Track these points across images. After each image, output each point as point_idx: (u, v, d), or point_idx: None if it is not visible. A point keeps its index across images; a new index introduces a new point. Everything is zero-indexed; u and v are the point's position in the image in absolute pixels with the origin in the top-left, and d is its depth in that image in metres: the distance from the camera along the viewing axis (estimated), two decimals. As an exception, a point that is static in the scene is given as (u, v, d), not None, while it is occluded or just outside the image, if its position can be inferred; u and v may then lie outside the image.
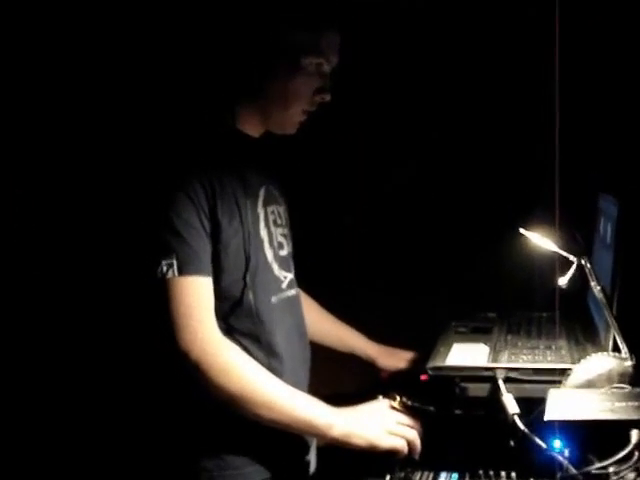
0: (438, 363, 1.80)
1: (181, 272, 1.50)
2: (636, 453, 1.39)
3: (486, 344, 1.93)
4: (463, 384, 1.74)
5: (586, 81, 2.36)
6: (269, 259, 1.68)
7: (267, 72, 1.61)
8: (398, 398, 1.79)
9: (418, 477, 1.56)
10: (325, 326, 2.05)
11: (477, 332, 2.07)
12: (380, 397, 1.73)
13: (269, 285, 1.67)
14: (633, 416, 1.40)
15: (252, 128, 1.70)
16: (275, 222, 1.73)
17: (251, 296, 1.61)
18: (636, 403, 1.44)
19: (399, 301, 2.58)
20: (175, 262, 1.50)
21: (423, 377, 1.80)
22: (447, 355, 1.85)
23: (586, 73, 2.35)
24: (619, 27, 2.32)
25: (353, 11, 1.79)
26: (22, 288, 2.59)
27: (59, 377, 2.57)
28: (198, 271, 1.53)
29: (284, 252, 1.75)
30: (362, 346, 2.09)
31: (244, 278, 1.60)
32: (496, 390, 1.68)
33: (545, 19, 1.84)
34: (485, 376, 1.73)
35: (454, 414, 1.72)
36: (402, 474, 1.56)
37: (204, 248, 1.54)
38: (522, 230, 1.98)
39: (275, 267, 1.70)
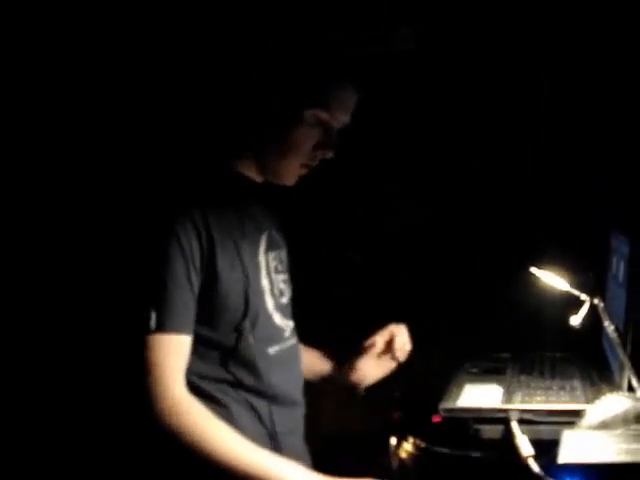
0: (451, 404, 1.78)
1: (158, 328, 1.45)
2: (653, 496, 1.36)
3: (499, 385, 1.91)
4: (476, 425, 1.72)
5: (590, 123, 2.36)
6: (270, 309, 1.62)
7: (267, 118, 1.54)
8: (411, 440, 1.77)
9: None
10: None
11: (490, 373, 2.06)
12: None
13: (269, 335, 1.61)
14: (649, 458, 1.38)
15: (254, 173, 1.64)
16: (276, 269, 1.67)
17: (249, 346, 1.55)
18: (652, 445, 1.42)
19: (412, 342, 2.56)
20: (154, 317, 1.45)
21: (436, 418, 1.78)
22: (460, 396, 1.84)
23: (589, 114, 2.35)
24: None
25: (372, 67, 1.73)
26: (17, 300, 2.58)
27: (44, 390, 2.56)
28: (176, 329, 1.47)
29: (285, 300, 1.69)
30: (320, 366, 1.93)
31: (243, 328, 1.54)
32: (510, 432, 1.67)
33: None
34: (498, 417, 1.72)
35: (467, 456, 1.70)
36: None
37: (187, 305, 1.48)
38: (534, 270, 1.97)
39: (277, 317, 1.64)
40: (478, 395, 1.84)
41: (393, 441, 1.84)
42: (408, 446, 1.80)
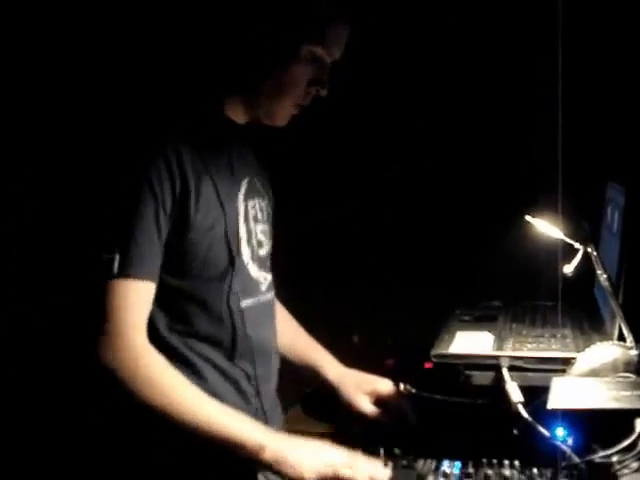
0: (442, 350, 1.80)
1: (121, 273, 1.37)
2: (640, 442, 1.38)
3: (491, 332, 1.92)
4: (467, 372, 1.73)
5: (591, 70, 2.34)
6: (245, 259, 1.55)
7: (261, 57, 1.49)
8: (402, 386, 1.79)
9: (421, 465, 1.56)
10: (290, 340, 1.83)
11: (482, 320, 2.07)
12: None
13: (243, 288, 1.54)
14: (637, 405, 1.39)
15: (237, 114, 1.57)
16: (255, 218, 1.59)
17: (219, 298, 1.49)
18: (641, 392, 1.43)
19: (403, 290, 2.57)
20: (117, 261, 1.37)
21: (427, 365, 1.79)
22: (451, 343, 1.85)
23: (590, 59, 2.33)
24: (622, 16, 2.30)
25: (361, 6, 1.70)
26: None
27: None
28: (140, 274, 1.39)
29: (263, 251, 1.62)
30: (323, 367, 1.82)
31: (216, 279, 1.49)
32: (500, 378, 1.68)
33: (547, 10, 1.82)
34: (489, 364, 1.73)
35: (458, 402, 1.71)
36: (405, 462, 1.55)
37: (153, 250, 1.41)
38: (528, 217, 1.97)
39: (254, 268, 1.57)
40: (469, 342, 1.85)
41: None
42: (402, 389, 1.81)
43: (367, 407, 1.77)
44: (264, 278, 1.61)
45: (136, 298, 1.40)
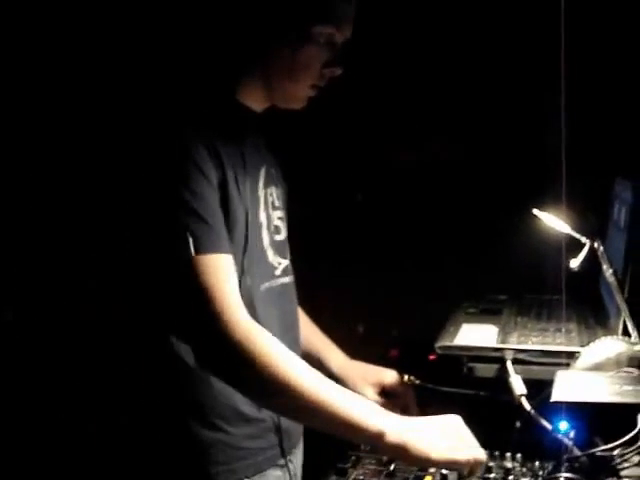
0: (447, 342, 1.80)
1: (198, 251, 1.36)
2: (642, 437, 1.38)
3: (496, 325, 1.93)
4: (471, 364, 1.74)
5: (599, 64, 2.33)
6: (265, 245, 1.56)
7: (274, 40, 1.49)
8: (406, 377, 1.80)
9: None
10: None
11: (487, 313, 2.08)
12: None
13: (262, 272, 1.55)
14: (640, 400, 1.40)
15: (255, 101, 1.57)
16: (273, 205, 1.62)
17: (247, 283, 1.48)
18: (644, 387, 1.44)
19: (410, 281, 2.58)
20: (191, 240, 1.36)
21: (431, 356, 1.80)
22: (456, 335, 1.86)
23: (598, 53, 2.32)
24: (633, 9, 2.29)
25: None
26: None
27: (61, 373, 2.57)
28: (216, 248, 1.38)
29: (280, 237, 1.63)
30: (328, 357, 1.83)
31: (242, 263, 1.47)
32: (504, 371, 1.68)
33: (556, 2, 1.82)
34: (493, 357, 1.74)
35: (461, 394, 1.72)
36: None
37: (219, 223, 1.41)
38: (535, 211, 1.97)
39: (270, 253, 1.58)
40: (474, 334, 1.86)
41: None
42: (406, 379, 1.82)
43: (372, 398, 1.78)
44: (278, 263, 1.62)
45: (222, 270, 1.38)
